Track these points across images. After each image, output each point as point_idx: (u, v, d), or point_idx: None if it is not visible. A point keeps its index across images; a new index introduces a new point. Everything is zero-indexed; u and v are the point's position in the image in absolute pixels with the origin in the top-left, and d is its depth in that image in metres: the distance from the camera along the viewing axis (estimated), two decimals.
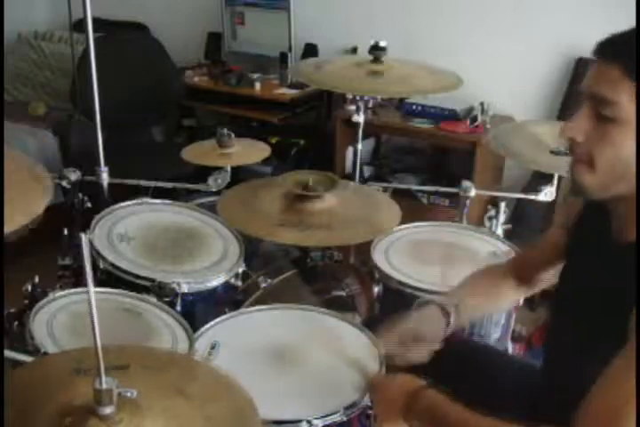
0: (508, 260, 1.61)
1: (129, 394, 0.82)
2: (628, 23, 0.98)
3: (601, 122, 0.95)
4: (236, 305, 1.69)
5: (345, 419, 1.23)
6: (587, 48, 1.01)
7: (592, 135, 0.96)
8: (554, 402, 1.13)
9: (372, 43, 1.96)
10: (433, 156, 3.26)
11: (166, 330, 1.45)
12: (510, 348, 1.89)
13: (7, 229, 0.81)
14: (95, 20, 1.89)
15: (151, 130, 3.56)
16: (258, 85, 3.21)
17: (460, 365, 1.40)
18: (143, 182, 2.07)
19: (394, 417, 1.16)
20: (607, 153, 0.95)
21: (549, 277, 1.36)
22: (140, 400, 0.86)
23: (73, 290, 1.52)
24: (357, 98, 2.10)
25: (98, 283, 1.60)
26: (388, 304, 1.75)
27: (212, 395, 0.96)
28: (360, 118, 2.12)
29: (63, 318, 1.42)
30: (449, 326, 1.33)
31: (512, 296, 1.47)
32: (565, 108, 2.88)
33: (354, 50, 3.19)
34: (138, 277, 1.60)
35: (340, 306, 1.75)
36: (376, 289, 1.75)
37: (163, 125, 3.62)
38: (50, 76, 3.57)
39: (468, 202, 2.05)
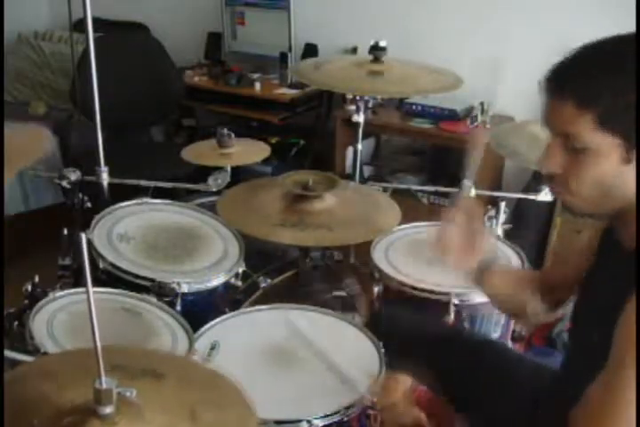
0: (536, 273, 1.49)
1: (128, 394, 0.82)
2: (628, 23, 0.98)
3: (572, 153, 0.97)
4: (235, 305, 1.69)
5: (345, 419, 1.24)
6: None
7: (567, 166, 0.98)
8: (565, 406, 1.13)
9: (371, 43, 1.96)
10: (433, 156, 3.26)
11: (166, 330, 1.45)
12: None
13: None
14: (95, 20, 1.89)
15: (151, 130, 3.56)
16: (258, 85, 3.21)
17: (467, 359, 1.40)
18: (143, 182, 2.07)
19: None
20: (585, 180, 0.97)
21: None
22: (145, 411, 0.85)
23: (73, 290, 1.52)
24: (357, 98, 2.10)
25: (98, 283, 1.60)
26: (388, 304, 1.75)
27: None
28: (360, 118, 2.12)
29: (63, 318, 1.42)
30: None
31: (531, 306, 1.35)
32: None
33: (354, 50, 3.18)
34: (138, 277, 1.60)
35: (340, 306, 1.75)
36: (376, 289, 1.75)
37: (163, 125, 3.62)
38: (50, 76, 3.57)
39: None
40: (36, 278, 1.53)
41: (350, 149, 2.90)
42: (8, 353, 1.27)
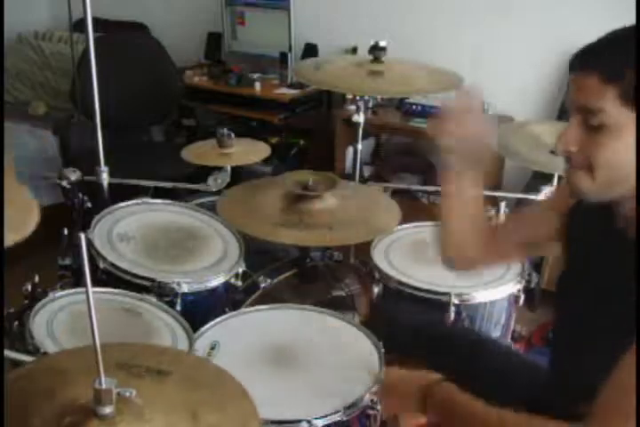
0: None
1: (127, 394, 0.82)
2: (629, 22, 0.98)
3: (591, 130, 0.96)
4: (235, 305, 1.69)
5: (345, 419, 1.24)
6: None
7: (585, 144, 0.98)
8: (559, 399, 1.13)
9: (372, 43, 1.96)
10: (433, 156, 3.26)
11: (166, 330, 1.45)
12: None
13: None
14: (95, 20, 1.89)
15: (151, 130, 3.56)
16: (258, 85, 3.21)
17: (463, 358, 1.40)
18: (143, 182, 2.07)
19: (408, 410, 1.18)
20: (603, 159, 0.96)
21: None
22: (146, 411, 0.85)
23: (73, 290, 1.52)
24: (357, 98, 2.10)
25: (98, 283, 1.60)
26: (388, 304, 1.75)
27: None
28: (360, 118, 2.12)
29: (63, 318, 1.42)
30: None
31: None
32: (565, 107, 2.88)
33: (354, 50, 3.18)
34: (138, 276, 1.60)
35: (340, 306, 1.75)
36: (376, 289, 1.75)
37: (163, 125, 3.62)
38: (50, 76, 3.57)
39: None
40: (36, 278, 1.53)
41: (350, 149, 2.90)
42: (8, 353, 1.27)
